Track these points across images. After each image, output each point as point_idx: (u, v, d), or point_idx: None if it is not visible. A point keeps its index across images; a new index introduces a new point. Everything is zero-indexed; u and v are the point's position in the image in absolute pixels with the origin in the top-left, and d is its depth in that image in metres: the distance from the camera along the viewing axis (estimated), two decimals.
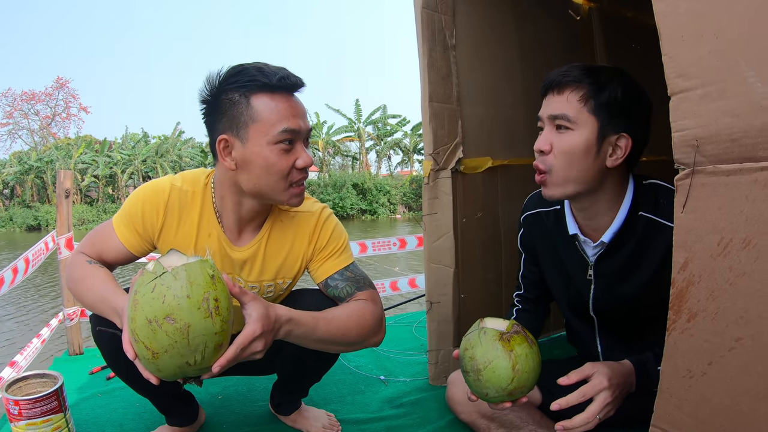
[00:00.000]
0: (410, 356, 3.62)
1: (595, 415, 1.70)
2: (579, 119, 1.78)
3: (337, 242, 2.18)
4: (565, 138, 1.80)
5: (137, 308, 1.42)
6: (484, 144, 3.07)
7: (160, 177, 2.12)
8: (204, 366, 1.47)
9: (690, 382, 1.31)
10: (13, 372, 3.26)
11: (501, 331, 1.76)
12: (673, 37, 1.22)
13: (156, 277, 1.43)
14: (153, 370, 1.48)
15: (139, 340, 1.42)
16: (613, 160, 1.82)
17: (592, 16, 3.79)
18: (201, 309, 1.41)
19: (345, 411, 2.78)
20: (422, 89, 2.84)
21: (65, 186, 3.93)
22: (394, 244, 5.34)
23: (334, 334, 1.87)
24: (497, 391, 1.72)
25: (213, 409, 2.79)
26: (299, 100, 1.90)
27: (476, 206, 3.08)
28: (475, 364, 1.74)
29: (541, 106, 1.91)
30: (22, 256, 3.58)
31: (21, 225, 40.39)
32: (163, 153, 44.43)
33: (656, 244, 1.85)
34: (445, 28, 2.87)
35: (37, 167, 42.95)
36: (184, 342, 1.40)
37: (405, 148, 48.98)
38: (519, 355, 1.70)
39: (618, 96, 1.77)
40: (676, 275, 1.30)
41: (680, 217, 1.27)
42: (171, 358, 1.42)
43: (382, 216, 43.62)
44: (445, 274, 2.96)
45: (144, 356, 1.44)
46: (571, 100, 1.80)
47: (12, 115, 53.89)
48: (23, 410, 2.10)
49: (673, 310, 1.33)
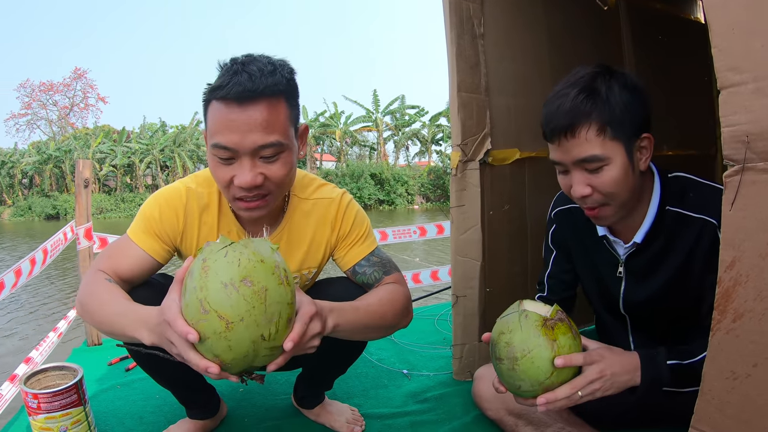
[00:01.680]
0: (433, 350, 3.58)
1: (577, 389, 1.59)
2: (607, 152, 1.69)
3: (360, 228, 2.15)
4: (603, 176, 1.72)
5: (209, 274, 1.34)
6: (512, 135, 3.02)
7: (175, 181, 2.07)
8: (274, 344, 1.39)
9: (733, 384, 1.28)
10: (28, 368, 3.24)
11: (544, 316, 1.61)
12: (724, 29, 1.18)
13: (226, 245, 1.38)
14: (223, 348, 1.35)
15: (211, 310, 1.32)
16: (644, 161, 1.77)
17: (620, 6, 3.74)
18: (275, 275, 1.36)
19: (368, 405, 2.75)
20: (450, 79, 2.79)
21: (84, 176, 3.91)
22: (414, 232, 5.34)
23: (374, 320, 1.85)
24: (532, 385, 1.58)
25: (234, 402, 2.77)
26: (255, 111, 1.67)
27: (503, 198, 3.03)
28: (512, 350, 1.58)
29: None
30: (40, 247, 3.58)
31: (40, 214, 40.94)
32: (181, 142, 44.76)
33: (684, 237, 1.81)
34: (474, 16, 2.82)
35: (56, 157, 43.45)
36: (261, 308, 1.33)
37: (423, 139, 49.16)
38: (562, 346, 1.57)
39: (625, 100, 1.69)
40: (723, 274, 1.27)
41: (728, 215, 1.23)
42: (246, 329, 1.33)
43: (399, 206, 43.82)
44: (471, 267, 2.92)
45: (215, 330, 1.33)
46: (590, 138, 1.69)
47: (30, 106, 54.60)
48: (42, 404, 2.08)
49: (718, 310, 1.29)
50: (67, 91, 55.52)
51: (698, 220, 1.76)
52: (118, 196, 42.70)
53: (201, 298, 1.33)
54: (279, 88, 1.70)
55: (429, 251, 15.61)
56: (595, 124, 1.67)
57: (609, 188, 1.72)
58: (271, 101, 1.69)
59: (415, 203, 45.12)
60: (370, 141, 50.73)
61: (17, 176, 44.74)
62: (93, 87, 56.93)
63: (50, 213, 40.91)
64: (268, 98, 1.68)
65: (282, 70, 1.75)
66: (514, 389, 1.66)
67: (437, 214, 37.96)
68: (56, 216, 40.75)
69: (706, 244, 1.75)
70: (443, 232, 5.27)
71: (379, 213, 39.82)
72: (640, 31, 3.78)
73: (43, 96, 54.73)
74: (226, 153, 1.70)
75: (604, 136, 1.68)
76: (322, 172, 46.07)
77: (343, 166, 46.05)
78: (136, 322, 1.60)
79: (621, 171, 1.70)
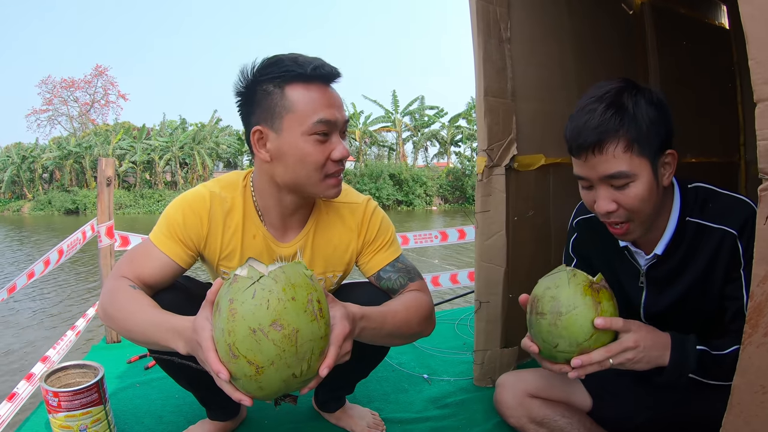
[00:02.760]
0: (453, 355, 3.57)
1: (615, 353, 1.63)
2: (634, 169, 1.67)
3: (385, 235, 2.16)
4: (629, 193, 1.70)
5: (236, 318, 1.31)
6: (537, 141, 3.00)
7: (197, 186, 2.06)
8: (307, 377, 1.39)
9: (763, 398, 1.28)
10: (45, 367, 3.25)
11: (591, 278, 1.66)
12: (763, 42, 1.17)
13: (254, 282, 1.33)
14: (253, 389, 1.36)
15: (240, 355, 1.30)
16: (667, 177, 1.76)
17: (644, 11, 3.74)
18: (307, 312, 1.33)
19: (389, 410, 2.74)
20: (477, 83, 2.78)
21: (107, 174, 3.93)
22: (435, 237, 5.31)
23: (399, 327, 1.85)
24: (570, 345, 1.61)
25: (254, 404, 2.74)
26: (335, 90, 1.87)
27: (528, 205, 3.03)
28: (557, 305, 1.61)
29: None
30: (57, 247, 3.60)
31: (59, 209, 41.31)
32: (201, 140, 44.98)
33: (705, 248, 1.80)
34: (500, 20, 2.80)
35: (76, 152, 43.80)
36: (292, 350, 1.31)
37: (442, 140, 49.11)
38: (605, 310, 1.61)
39: (651, 116, 1.67)
40: (755, 288, 1.26)
41: (762, 229, 1.22)
42: (277, 371, 1.32)
43: (418, 207, 43.78)
44: (495, 273, 2.91)
45: (245, 374, 1.32)
46: (617, 155, 1.67)
47: (52, 102, 54.97)
48: (63, 402, 2.09)
49: (749, 324, 1.28)
50: (88, 88, 55.88)
51: (718, 231, 1.75)
52: (138, 192, 43.01)
53: (230, 342, 1.32)
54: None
55: (448, 254, 15.59)
56: (623, 141, 1.65)
57: (634, 205, 1.71)
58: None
59: (433, 204, 45.08)
60: (389, 141, 50.76)
61: (38, 171, 45.09)
62: (114, 84, 57.04)
63: (70, 208, 41.25)
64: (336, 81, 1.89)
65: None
66: (549, 348, 1.68)
67: (456, 215, 37.93)
68: (75, 211, 41.11)
69: (726, 254, 1.74)
70: (464, 237, 5.25)
71: (397, 213, 39.80)
72: (665, 36, 3.77)
73: (65, 92, 55.12)
74: (327, 127, 1.80)
75: (631, 153, 1.66)
76: None
77: (362, 165, 46.07)
78: (170, 332, 1.59)
79: (647, 187, 1.69)
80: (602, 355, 1.62)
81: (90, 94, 56.02)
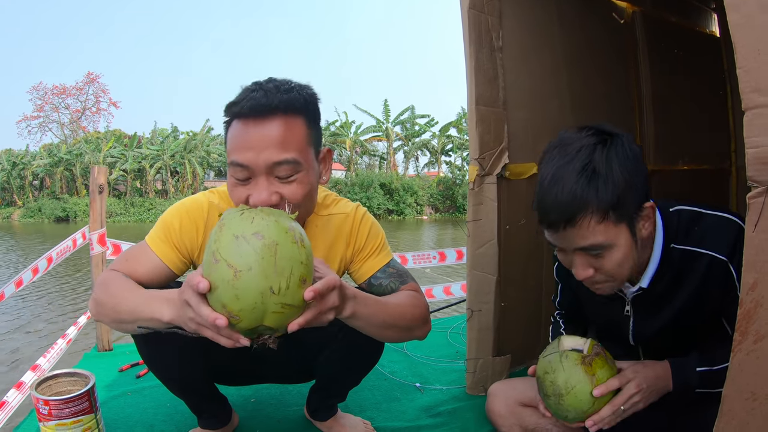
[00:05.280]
0: (445, 363, 3.57)
1: (619, 406, 1.71)
2: (610, 238, 1.63)
3: (375, 241, 2.15)
4: (607, 260, 1.66)
5: (223, 229, 1.39)
6: (529, 149, 3.01)
7: (197, 193, 2.06)
8: (285, 301, 1.38)
9: (753, 405, 1.29)
10: (35, 375, 3.24)
11: (582, 354, 1.77)
12: (749, 50, 1.18)
13: (244, 210, 1.44)
14: (230, 297, 1.35)
15: (221, 259, 1.35)
16: (646, 229, 1.72)
17: (636, 20, 3.75)
18: (288, 234, 1.39)
19: (381, 419, 2.73)
20: (468, 92, 2.79)
21: (99, 182, 3.92)
22: (433, 258, 5.37)
23: (393, 317, 1.84)
24: (577, 414, 1.74)
25: (246, 412, 2.75)
26: (274, 127, 1.69)
27: (520, 213, 3.03)
28: (557, 389, 1.74)
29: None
30: (46, 255, 3.59)
31: (50, 216, 41.18)
32: (192, 149, 44.91)
33: (692, 273, 1.77)
34: (492, 30, 2.82)
35: (67, 160, 43.69)
36: (271, 260, 1.34)
37: (433, 149, 49.20)
38: (600, 379, 1.72)
39: (626, 177, 1.60)
40: (744, 296, 1.27)
41: (751, 237, 1.23)
42: (254, 278, 1.34)
43: (408, 216, 43.80)
44: (487, 282, 2.92)
45: (224, 278, 1.35)
46: (591, 227, 1.60)
47: (43, 109, 54.91)
48: (53, 410, 2.07)
49: (739, 331, 1.29)
50: (79, 95, 55.81)
51: (706, 256, 1.72)
52: (128, 200, 42.88)
53: (213, 249, 1.38)
54: (295, 105, 1.72)
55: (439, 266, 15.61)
56: (597, 213, 1.59)
57: (613, 270, 1.69)
58: (288, 119, 1.71)
59: (424, 214, 45.10)
60: (380, 151, 50.83)
61: (28, 178, 44.89)
62: (105, 91, 56.95)
63: (60, 215, 41.10)
64: (284, 115, 1.70)
65: (301, 90, 1.76)
66: (562, 418, 1.81)
67: (447, 224, 37.93)
68: (66, 218, 40.97)
69: (717, 280, 1.71)
70: (462, 257, 5.25)
71: (388, 223, 39.79)
72: (656, 44, 3.79)
73: (56, 99, 55.03)
74: (243, 172, 1.71)
75: (606, 222, 1.60)
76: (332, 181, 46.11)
77: (353, 175, 46.10)
78: (158, 300, 1.63)
79: (625, 251, 1.66)
80: (609, 411, 1.71)
81: (81, 101, 56.01)
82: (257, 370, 2.40)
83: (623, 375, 1.75)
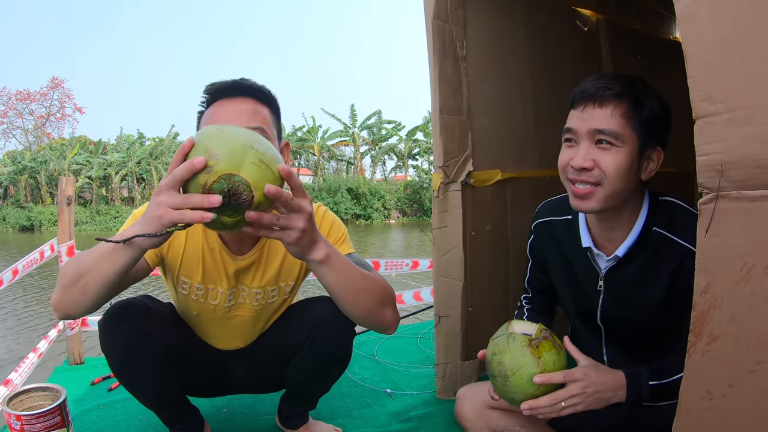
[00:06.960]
0: (416, 368, 3.60)
1: (560, 401, 1.74)
2: (625, 135, 1.74)
3: (337, 233, 2.19)
4: (609, 156, 1.75)
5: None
6: (494, 156, 3.05)
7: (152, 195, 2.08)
8: (264, 159, 1.47)
9: (709, 404, 1.31)
10: (7, 390, 3.22)
11: (530, 336, 1.79)
12: (700, 61, 1.21)
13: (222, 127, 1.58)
14: (214, 141, 1.46)
15: (206, 134, 1.51)
16: (648, 172, 1.82)
17: (600, 27, 3.79)
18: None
19: (352, 425, 2.75)
20: (432, 101, 2.82)
21: (67, 193, 3.89)
22: (406, 265, 5.50)
23: (365, 278, 1.87)
24: (524, 396, 1.75)
25: (218, 423, 2.76)
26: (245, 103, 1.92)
27: (485, 219, 3.07)
28: (503, 369, 1.76)
29: (561, 117, 1.89)
30: (11, 267, 3.56)
31: (14, 225, 40.38)
32: (158, 155, 44.40)
33: (667, 261, 1.84)
34: (456, 39, 2.85)
35: (31, 167, 42.95)
36: (256, 135, 1.53)
37: (400, 153, 49.05)
38: (547, 361, 1.73)
39: (656, 111, 1.78)
40: (698, 298, 1.30)
41: (703, 241, 1.27)
42: (239, 135, 1.50)
43: (376, 221, 43.67)
44: (454, 287, 2.95)
45: (210, 134, 1.49)
46: (615, 115, 1.75)
47: (6, 115, 53.70)
48: (25, 425, 2.06)
49: (693, 333, 1.32)
50: (43, 101, 54.68)
51: (681, 246, 1.79)
52: (94, 208, 42.18)
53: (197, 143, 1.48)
54: (264, 94, 1.95)
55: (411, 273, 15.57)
56: (624, 106, 1.75)
57: (610, 170, 1.75)
58: (256, 103, 1.92)
59: (391, 218, 45.00)
60: (347, 155, 50.71)
61: None
62: (70, 97, 55.81)
63: (24, 224, 40.32)
64: (254, 99, 1.92)
65: (265, 88, 1.95)
66: (508, 400, 1.84)
67: (414, 228, 37.83)
68: (30, 228, 40.23)
69: (688, 271, 1.73)
70: None
71: (356, 227, 39.63)
72: (620, 51, 3.83)
73: (20, 105, 53.95)
74: None
75: (627, 120, 1.74)
76: None
77: (320, 180, 45.93)
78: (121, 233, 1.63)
79: (627, 160, 1.75)
80: (548, 402, 1.73)
81: (46, 106, 54.90)
82: (229, 381, 2.41)
83: (571, 373, 1.76)
